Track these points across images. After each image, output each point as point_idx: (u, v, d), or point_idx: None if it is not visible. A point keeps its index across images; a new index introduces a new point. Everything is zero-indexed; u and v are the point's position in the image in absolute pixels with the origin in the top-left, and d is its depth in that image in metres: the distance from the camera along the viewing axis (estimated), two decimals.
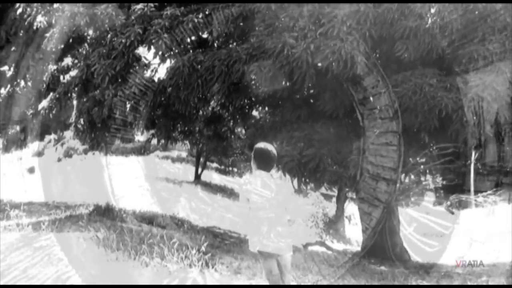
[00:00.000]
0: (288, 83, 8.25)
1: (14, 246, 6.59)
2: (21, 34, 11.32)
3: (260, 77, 7.69)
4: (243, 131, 12.63)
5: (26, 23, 10.35)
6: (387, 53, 8.00)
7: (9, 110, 12.54)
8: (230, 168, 21.45)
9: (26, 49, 11.51)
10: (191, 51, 9.26)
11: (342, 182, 8.31)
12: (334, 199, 15.87)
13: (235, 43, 9.56)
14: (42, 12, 10.20)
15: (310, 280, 6.24)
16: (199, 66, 8.67)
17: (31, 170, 18.54)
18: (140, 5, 9.38)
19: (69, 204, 11.23)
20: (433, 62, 7.77)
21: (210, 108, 11.25)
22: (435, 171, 9.04)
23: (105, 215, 9.33)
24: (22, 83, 12.40)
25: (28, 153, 20.00)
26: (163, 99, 9.80)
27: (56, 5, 10.14)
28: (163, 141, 12.06)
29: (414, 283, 6.56)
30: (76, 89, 10.46)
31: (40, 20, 10.22)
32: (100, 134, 10.91)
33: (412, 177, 8.93)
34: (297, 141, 8.40)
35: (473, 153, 8.16)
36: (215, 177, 20.52)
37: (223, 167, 21.59)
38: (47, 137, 21.35)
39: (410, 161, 8.39)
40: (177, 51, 9.17)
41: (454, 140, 7.46)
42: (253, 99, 9.92)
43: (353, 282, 6.45)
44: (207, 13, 8.81)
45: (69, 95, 10.83)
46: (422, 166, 8.54)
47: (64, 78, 11.18)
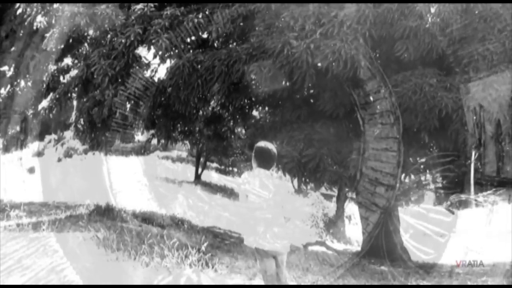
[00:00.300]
0: (288, 83, 8.25)
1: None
2: (21, 34, 11.32)
3: (260, 77, 7.69)
4: (243, 131, 12.62)
5: (26, 23, 10.35)
6: (387, 53, 8.00)
7: (9, 110, 12.54)
8: (230, 168, 21.42)
9: (26, 49, 11.51)
10: (191, 51, 9.26)
11: (342, 182, 8.30)
12: (334, 199, 15.86)
13: (235, 43, 9.56)
14: (42, 12, 10.20)
15: (310, 280, 6.24)
16: (199, 66, 8.67)
17: (31, 170, 18.53)
18: (140, 5, 9.38)
19: (69, 204, 11.23)
20: (433, 62, 7.77)
21: (210, 108, 11.24)
22: (435, 170, 9.04)
23: (105, 215, 9.34)
24: (22, 83, 12.40)
25: (28, 153, 19.98)
26: (163, 99, 9.80)
27: (56, 5, 10.14)
28: (163, 141, 12.06)
29: (414, 283, 6.56)
30: (76, 89, 10.46)
31: (40, 20, 10.22)
32: (100, 134, 10.91)
33: (412, 177, 8.92)
34: (297, 141, 8.39)
35: (473, 153, 8.16)
36: (215, 177, 20.51)
37: (223, 167, 21.56)
38: (47, 137, 21.32)
39: (410, 161, 8.39)
40: (177, 51, 9.17)
41: (454, 140, 7.46)
42: (253, 99, 9.91)
43: (353, 282, 6.46)
44: (207, 13, 8.81)
45: (69, 95, 10.83)
46: (422, 166, 8.54)
47: (64, 78, 11.18)
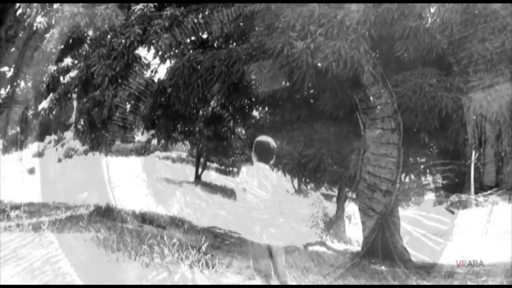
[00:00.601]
0: (288, 83, 8.25)
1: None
2: (21, 34, 11.33)
3: (260, 77, 7.69)
4: (243, 131, 12.63)
5: (26, 23, 10.36)
6: (387, 53, 8.00)
7: (9, 110, 12.54)
8: (231, 168, 21.42)
9: (26, 49, 11.52)
10: (191, 51, 9.27)
11: (342, 182, 8.30)
12: (335, 199, 15.86)
13: (235, 43, 9.56)
14: (42, 13, 10.20)
15: (311, 280, 6.24)
16: (199, 67, 8.67)
17: (31, 170, 18.53)
18: (140, 6, 9.38)
19: (69, 204, 11.23)
20: (433, 62, 7.76)
21: (210, 108, 11.25)
22: (435, 171, 9.05)
23: (105, 215, 9.33)
24: (22, 83, 12.40)
25: (28, 153, 19.97)
26: (163, 99, 9.81)
27: (56, 6, 10.15)
28: (163, 141, 12.05)
29: (414, 283, 6.56)
30: (76, 89, 10.46)
31: (40, 21, 10.23)
32: (100, 134, 10.91)
33: (412, 177, 8.92)
34: (297, 141, 8.40)
35: (473, 153, 8.17)
36: (216, 177, 20.51)
37: (223, 167, 21.56)
38: (47, 138, 21.31)
39: (410, 161, 8.39)
40: (177, 51, 9.17)
41: (454, 140, 7.46)
42: (253, 99, 9.91)
43: (353, 282, 6.45)
44: (207, 13, 8.81)
45: (69, 95, 10.83)
46: (422, 166, 8.54)
47: (64, 78, 11.18)
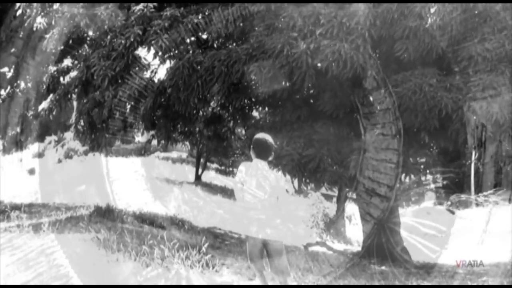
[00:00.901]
0: (288, 84, 8.25)
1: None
2: (21, 35, 11.33)
3: (260, 78, 7.68)
4: (243, 131, 12.61)
5: (26, 24, 10.36)
6: (386, 53, 8.00)
7: (9, 111, 12.54)
8: (231, 169, 21.41)
9: (26, 50, 11.52)
10: (190, 51, 9.26)
11: (342, 182, 8.31)
12: (335, 199, 15.85)
13: (234, 44, 9.56)
14: (42, 13, 10.20)
15: (311, 280, 6.24)
16: (198, 67, 8.66)
17: (32, 171, 18.55)
18: (140, 6, 9.38)
19: (69, 205, 11.23)
20: (433, 62, 7.76)
21: (210, 109, 11.23)
22: (435, 171, 9.04)
23: (105, 216, 9.33)
24: (22, 84, 12.40)
25: (28, 154, 19.98)
26: (163, 99, 9.79)
27: (55, 6, 10.15)
28: (163, 142, 12.05)
29: (414, 283, 6.55)
30: (76, 90, 10.46)
31: (40, 21, 10.23)
32: (100, 135, 10.91)
33: (412, 177, 8.92)
34: (297, 141, 8.39)
35: (473, 153, 8.16)
36: (216, 178, 20.51)
37: (223, 167, 21.56)
38: (47, 139, 21.33)
39: (410, 161, 8.39)
40: (176, 51, 9.17)
41: (454, 140, 7.46)
42: (253, 99, 9.90)
43: (354, 282, 6.45)
44: (206, 13, 8.81)
45: (69, 96, 10.83)
46: (422, 166, 8.54)
47: (64, 79, 11.18)
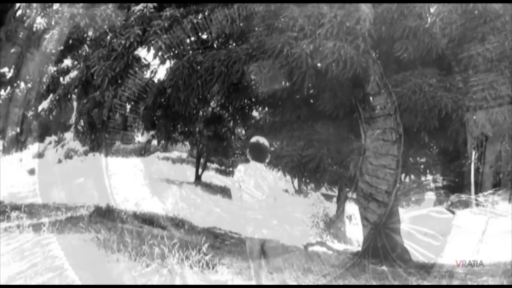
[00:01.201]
0: (287, 83, 8.24)
1: None
2: (21, 35, 11.32)
3: (260, 78, 7.68)
4: (243, 131, 12.61)
5: (26, 24, 10.36)
6: (386, 53, 8.00)
7: (9, 111, 12.54)
8: (231, 169, 21.39)
9: (26, 50, 11.51)
10: (190, 51, 9.26)
11: (342, 182, 8.31)
12: (335, 199, 15.85)
13: (234, 44, 9.56)
14: (42, 14, 10.20)
15: (311, 280, 6.24)
16: (198, 67, 8.66)
17: (32, 171, 18.55)
18: (140, 6, 9.38)
19: (69, 205, 11.25)
20: (432, 62, 7.76)
21: (210, 109, 11.24)
22: (435, 170, 9.04)
23: (105, 216, 9.35)
24: (22, 84, 12.40)
25: (29, 154, 19.99)
26: (163, 100, 9.80)
27: (55, 7, 10.15)
28: (163, 142, 12.06)
29: (414, 283, 6.55)
30: (76, 90, 10.47)
31: (39, 22, 10.22)
32: (100, 135, 10.92)
33: (412, 177, 8.92)
34: (297, 141, 8.40)
35: (473, 153, 8.16)
36: (216, 178, 20.52)
37: (223, 167, 21.55)
38: (47, 139, 21.34)
39: (410, 161, 8.38)
40: (176, 52, 9.16)
41: (454, 140, 7.46)
42: (253, 99, 9.91)
43: (354, 282, 6.45)
44: (206, 13, 8.80)
45: (69, 96, 10.85)
46: (422, 166, 8.53)
47: (64, 79, 11.19)
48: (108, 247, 6.58)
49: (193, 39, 9.26)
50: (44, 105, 10.93)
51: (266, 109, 10.47)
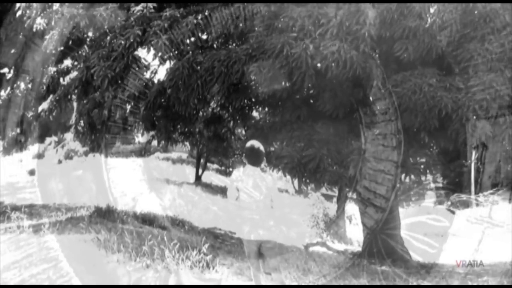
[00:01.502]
0: (287, 84, 8.24)
1: None
2: (21, 36, 11.32)
3: (260, 78, 7.68)
4: (243, 132, 12.61)
5: (26, 25, 10.36)
6: (386, 53, 8.00)
7: (9, 112, 12.54)
8: (231, 169, 21.37)
9: (26, 51, 11.51)
10: (190, 52, 9.26)
11: (342, 182, 8.30)
12: (335, 199, 15.84)
13: (234, 44, 9.56)
14: (42, 14, 10.20)
15: (311, 280, 6.24)
16: (198, 67, 8.67)
17: (32, 172, 18.53)
18: (139, 7, 9.38)
19: (69, 206, 11.24)
20: (432, 62, 7.76)
21: (210, 109, 11.24)
22: (435, 170, 9.03)
23: (105, 216, 9.35)
24: (22, 85, 12.40)
25: (29, 155, 19.96)
26: (163, 100, 9.80)
27: (55, 7, 10.15)
28: (163, 142, 12.05)
29: (415, 283, 6.55)
30: (76, 91, 10.46)
31: (39, 22, 10.22)
32: (100, 136, 10.92)
33: (412, 177, 8.91)
34: (297, 141, 8.40)
35: (473, 153, 8.16)
36: (216, 178, 20.51)
37: (223, 168, 21.54)
38: (48, 139, 21.28)
39: (410, 161, 8.38)
40: (176, 52, 9.17)
41: (454, 140, 7.45)
42: (253, 99, 9.90)
43: (354, 282, 6.45)
44: (206, 14, 8.81)
45: (69, 97, 10.85)
46: (422, 166, 8.52)
47: (64, 80, 11.20)
48: (108, 247, 6.58)
49: (193, 39, 9.28)
50: (44, 105, 10.94)
51: (266, 109, 10.47)
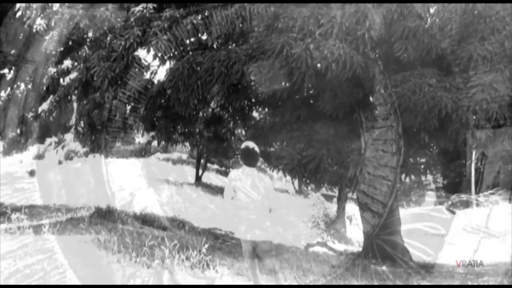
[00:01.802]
0: (287, 84, 8.24)
1: None
2: (20, 37, 11.33)
3: (260, 78, 7.68)
4: (243, 132, 12.60)
5: (26, 25, 10.36)
6: (386, 53, 7.99)
7: (9, 113, 12.54)
8: (231, 170, 21.33)
9: (26, 51, 11.52)
10: (190, 52, 9.26)
11: (342, 182, 8.30)
12: (335, 199, 15.83)
13: (234, 44, 9.56)
14: (42, 15, 10.20)
15: (312, 281, 6.24)
16: (198, 68, 8.67)
17: (32, 173, 18.53)
18: (139, 7, 9.39)
19: (70, 206, 11.25)
20: (432, 62, 7.75)
21: (210, 110, 11.24)
22: (435, 170, 9.03)
23: (106, 217, 9.36)
24: (22, 86, 12.40)
25: (29, 156, 19.96)
26: (163, 101, 9.80)
27: (55, 8, 10.15)
28: (163, 143, 12.05)
29: (415, 283, 6.55)
30: (76, 91, 10.46)
31: (39, 23, 10.22)
32: (101, 136, 10.92)
33: (413, 177, 8.91)
34: (297, 141, 8.39)
35: (473, 153, 8.16)
36: (216, 179, 20.51)
37: (223, 168, 21.53)
38: (48, 140, 21.27)
39: (410, 161, 8.38)
40: (176, 52, 9.17)
41: (454, 140, 7.45)
42: (253, 100, 9.89)
43: (354, 282, 6.45)
44: (206, 14, 8.81)
45: (69, 97, 10.84)
46: (422, 166, 8.52)
47: (64, 80, 11.19)
48: (108, 248, 6.58)
49: (192, 40, 9.28)
50: (44, 106, 10.93)
51: (266, 109, 10.46)
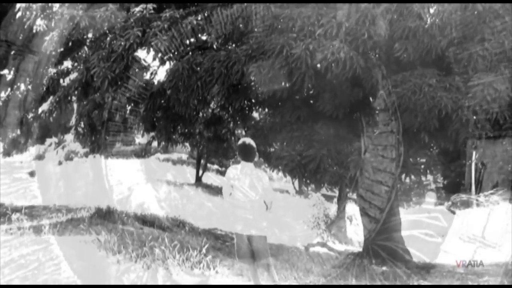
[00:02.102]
0: (287, 84, 8.25)
1: None
2: (20, 37, 11.33)
3: (260, 78, 7.69)
4: (243, 132, 12.60)
5: (26, 26, 10.36)
6: (386, 53, 8.00)
7: (9, 113, 12.54)
8: (230, 167, 21.28)
9: (26, 52, 11.52)
10: (190, 53, 9.27)
11: (342, 182, 8.32)
12: (335, 200, 15.83)
13: (234, 45, 9.56)
14: (42, 16, 10.20)
15: (312, 281, 6.24)
16: (198, 68, 8.68)
17: (32, 173, 18.53)
18: (139, 8, 9.39)
19: (70, 207, 11.23)
20: (432, 62, 7.75)
21: (210, 110, 11.24)
22: (435, 170, 9.02)
23: (106, 218, 9.35)
24: (22, 86, 12.40)
25: (29, 156, 19.97)
26: (163, 101, 9.81)
27: (55, 8, 10.15)
28: (163, 143, 12.05)
29: (415, 283, 6.55)
30: (76, 92, 10.46)
31: (39, 23, 10.22)
32: (101, 137, 10.92)
33: (413, 177, 8.90)
34: (297, 142, 8.40)
35: (473, 153, 8.16)
36: (217, 179, 20.50)
37: (224, 169, 21.52)
38: (48, 141, 21.29)
39: (410, 161, 8.38)
40: (176, 53, 9.17)
41: (454, 140, 7.45)
42: (253, 100, 9.90)
43: (355, 282, 6.45)
44: (206, 14, 8.81)
45: (69, 98, 10.83)
46: (422, 166, 8.52)
47: (64, 81, 11.18)
48: (108, 248, 6.58)
49: (192, 40, 9.28)
50: (44, 107, 10.93)
51: (266, 110, 10.46)
